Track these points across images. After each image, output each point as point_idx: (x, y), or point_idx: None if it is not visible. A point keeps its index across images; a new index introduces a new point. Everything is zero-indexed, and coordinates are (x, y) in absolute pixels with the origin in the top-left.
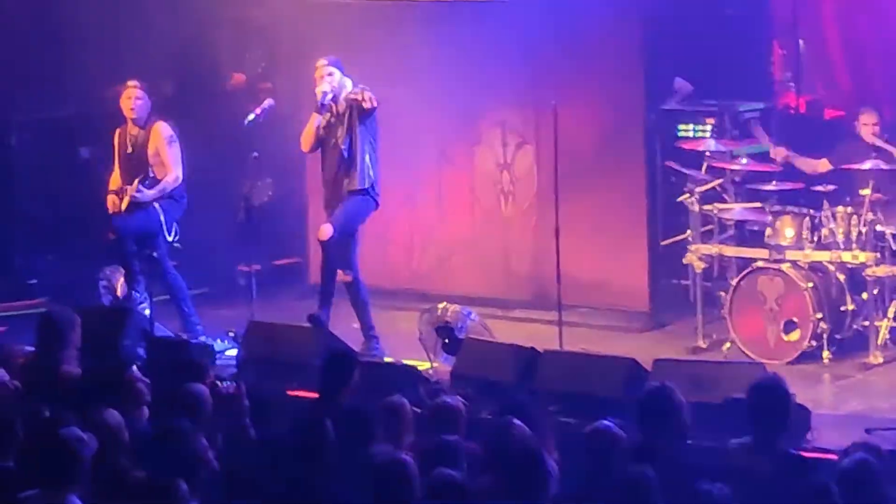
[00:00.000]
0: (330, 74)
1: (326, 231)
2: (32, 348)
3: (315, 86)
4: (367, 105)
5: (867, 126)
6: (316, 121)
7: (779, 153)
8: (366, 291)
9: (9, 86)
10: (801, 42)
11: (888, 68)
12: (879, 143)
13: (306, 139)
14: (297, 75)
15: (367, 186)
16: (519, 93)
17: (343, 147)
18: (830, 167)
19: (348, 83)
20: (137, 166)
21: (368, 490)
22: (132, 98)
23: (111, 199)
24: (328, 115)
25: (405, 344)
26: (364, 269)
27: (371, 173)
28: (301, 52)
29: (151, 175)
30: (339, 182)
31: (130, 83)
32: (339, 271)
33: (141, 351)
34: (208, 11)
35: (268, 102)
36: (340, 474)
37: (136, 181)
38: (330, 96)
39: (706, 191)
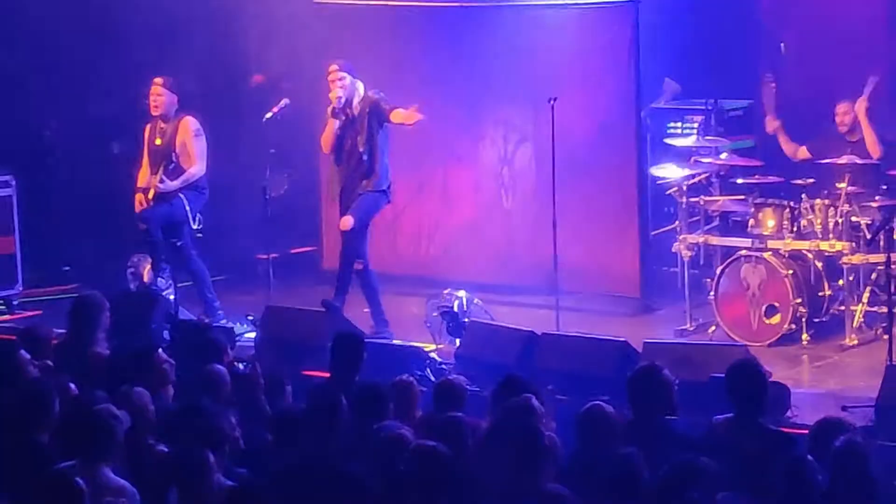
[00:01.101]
0: (342, 79)
1: (348, 222)
2: (65, 331)
3: (329, 90)
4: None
5: (841, 115)
6: (334, 125)
7: (772, 125)
8: (375, 279)
9: (44, 83)
10: (782, 45)
11: (863, 66)
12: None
13: (326, 142)
14: (314, 76)
15: (385, 188)
16: (519, 93)
17: (363, 151)
18: (809, 155)
19: (360, 86)
20: (164, 157)
21: (376, 462)
22: (154, 94)
23: (138, 198)
24: (343, 118)
25: (413, 327)
26: (375, 257)
27: (387, 174)
28: (317, 54)
29: (175, 164)
30: (355, 183)
31: (156, 80)
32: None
33: (166, 333)
34: (232, 16)
35: (284, 102)
36: (353, 448)
37: (160, 170)
38: (343, 101)
39: (693, 184)
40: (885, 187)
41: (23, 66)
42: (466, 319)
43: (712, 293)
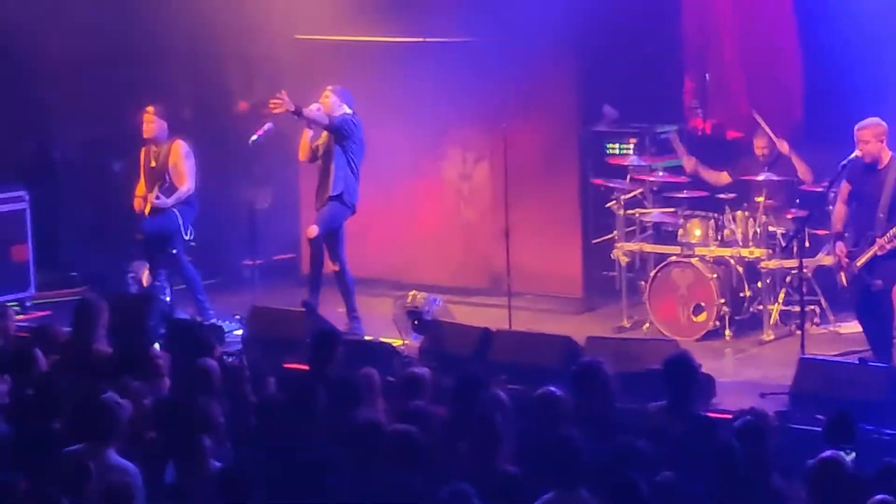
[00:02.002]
0: (326, 97)
1: (313, 230)
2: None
3: None
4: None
5: (759, 148)
6: (308, 134)
7: (689, 163)
8: (351, 280)
9: (53, 111)
10: (707, 75)
11: (778, 97)
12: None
13: (300, 150)
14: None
15: (337, 193)
16: (476, 118)
17: (321, 162)
18: (730, 180)
19: (343, 108)
20: (159, 177)
21: (352, 444)
22: (146, 121)
23: (137, 201)
24: (323, 135)
25: (382, 325)
26: (348, 262)
27: (341, 184)
28: (297, 84)
29: (168, 183)
30: (319, 190)
31: (147, 108)
32: (329, 262)
33: (162, 331)
34: (220, 49)
35: (268, 126)
36: (329, 433)
37: (155, 188)
38: (314, 110)
39: (629, 198)
40: (798, 201)
41: (34, 97)
42: (429, 318)
43: (646, 294)
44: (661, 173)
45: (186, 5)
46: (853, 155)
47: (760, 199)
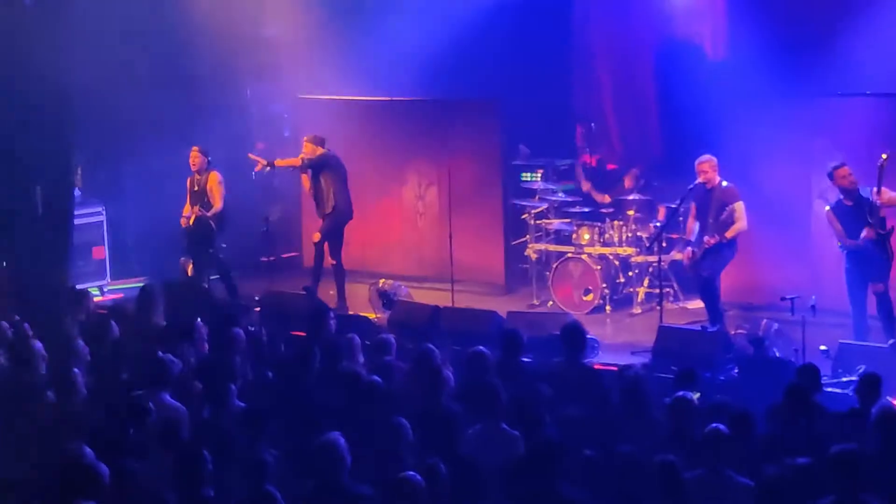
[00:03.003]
0: (305, 145)
1: (316, 237)
2: (135, 308)
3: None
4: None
5: (628, 180)
6: (308, 173)
7: (586, 186)
8: (344, 272)
9: (122, 149)
10: (592, 124)
11: (641, 139)
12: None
13: (304, 183)
14: (296, 145)
15: (330, 210)
16: (428, 155)
17: (316, 189)
18: (609, 199)
19: (317, 149)
20: (199, 198)
21: (340, 390)
22: (193, 157)
23: (183, 221)
24: (306, 168)
25: (361, 303)
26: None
27: (332, 201)
28: (296, 132)
29: (207, 202)
30: (320, 211)
31: (193, 147)
32: (329, 258)
33: (202, 308)
34: (244, 104)
35: (262, 166)
36: (323, 382)
37: (198, 206)
38: (305, 159)
39: (538, 212)
40: (658, 215)
41: (108, 139)
42: (395, 298)
43: (550, 281)
44: (560, 194)
45: (221, 74)
46: (697, 181)
47: (631, 212)
